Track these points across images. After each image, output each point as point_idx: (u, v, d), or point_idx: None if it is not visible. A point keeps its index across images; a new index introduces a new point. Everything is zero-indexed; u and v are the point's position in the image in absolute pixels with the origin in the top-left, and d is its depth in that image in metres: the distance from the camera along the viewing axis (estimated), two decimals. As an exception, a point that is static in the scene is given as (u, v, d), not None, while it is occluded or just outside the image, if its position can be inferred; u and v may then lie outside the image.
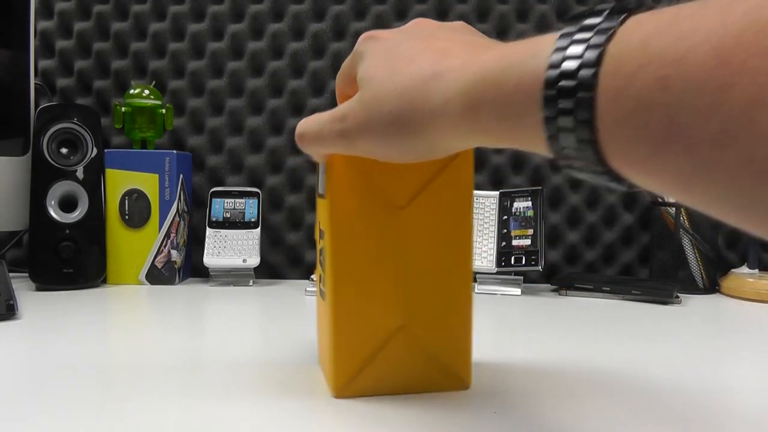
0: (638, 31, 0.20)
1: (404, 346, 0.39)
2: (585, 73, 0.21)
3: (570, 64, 0.21)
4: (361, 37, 0.35)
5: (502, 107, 0.24)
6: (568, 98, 0.21)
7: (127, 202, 0.80)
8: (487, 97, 0.25)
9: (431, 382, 0.40)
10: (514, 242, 0.79)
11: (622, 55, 0.20)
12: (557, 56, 0.22)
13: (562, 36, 0.22)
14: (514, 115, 0.24)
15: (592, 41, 0.21)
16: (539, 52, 0.23)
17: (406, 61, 0.30)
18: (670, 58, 0.18)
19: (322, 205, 0.40)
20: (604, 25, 0.21)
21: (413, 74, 0.29)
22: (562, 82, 0.21)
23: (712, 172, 0.18)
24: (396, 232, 0.38)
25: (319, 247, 0.41)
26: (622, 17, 0.21)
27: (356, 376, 0.38)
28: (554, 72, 0.22)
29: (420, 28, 0.33)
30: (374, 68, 0.32)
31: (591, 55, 0.21)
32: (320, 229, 0.41)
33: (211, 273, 0.81)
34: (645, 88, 0.19)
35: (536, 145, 0.24)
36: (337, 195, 0.37)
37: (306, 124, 0.36)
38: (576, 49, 0.21)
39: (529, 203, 0.81)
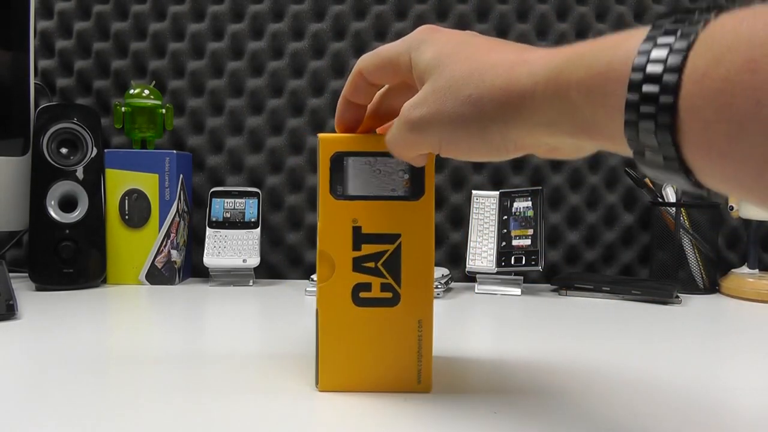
0: (731, 18, 0.21)
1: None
2: (679, 47, 0.21)
3: (664, 40, 0.22)
4: (421, 27, 0.34)
5: (591, 87, 0.24)
6: (654, 82, 0.22)
7: (127, 202, 0.80)
8: (576, 76, 0.25)
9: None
10: (514, 242, 0.79)
11: (713, 37, 0.20)
12: (652, 37, 0.22)
13: (654, 27, 0.23)
14: (599, 95, 0.24)
15: (685, 29, 0.22)
16: (630, 39, 0.23)
17: (484, 50, 0.30)
18: (761, 41, 0.19)
19: (393, 207, 0.39)
20: (700, 17, 0.22)
21: (496, 60, 0.29)
22: (650, 67, 0.22)
23: None
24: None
25: (356, 254, 0.39)
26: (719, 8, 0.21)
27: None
28: (645, 53, 0.22)
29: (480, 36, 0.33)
30: (447, 55, 0.31)
31: (688, 31, 0.21)
32: (371, 234, 0.39)
33: (211, 273, 0.81)
34: (733, 69, 0.19)
35: (613, 133, 0.24)
36: (430, 196, 0.39)
37: (388, 138, 0.35)
38: (670, 28, 0.22)
39: (529, 203, 0.81)
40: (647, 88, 0.22)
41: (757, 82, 0.19)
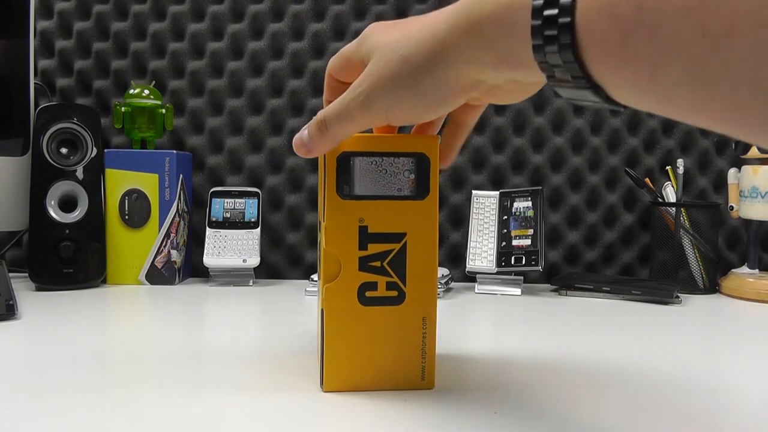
0: None
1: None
2: None
3: None
4: (370, 25, 0.37)
5: (500, 18, 0.27)
6: (553, 6, 0.24)
7: (127, 202, 0.80)
8: (487, 10, 0.27)
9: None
10: (514, 242, 0.79)
11: None
12: None
13: None
14: (508, 25, 0.26)
15: None
16: None
17: (414, 20, 0.33)
18: None
19: (399, 206, 0.39)
20: None
21: (422, 21, 0.32)
22: None
23: (673, 53, 0.21)
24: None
25: (363, 253, 0.39)
26: None
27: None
28: None
29: None
30: (382, 35, 0.34)
31: None
32: (377, 233, 0.39)
33: (211, 273, 0.81)
34: None
35: (528, 61, 0.26)
36: (435, 195, 0.39)
37: (325, 110, 0.36)
38: None
39: (529, 203, 0.81)
40: (547, 12, 0.24)
41: None
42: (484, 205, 0.83)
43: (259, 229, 0.83)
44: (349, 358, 0.40)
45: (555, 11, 0.24)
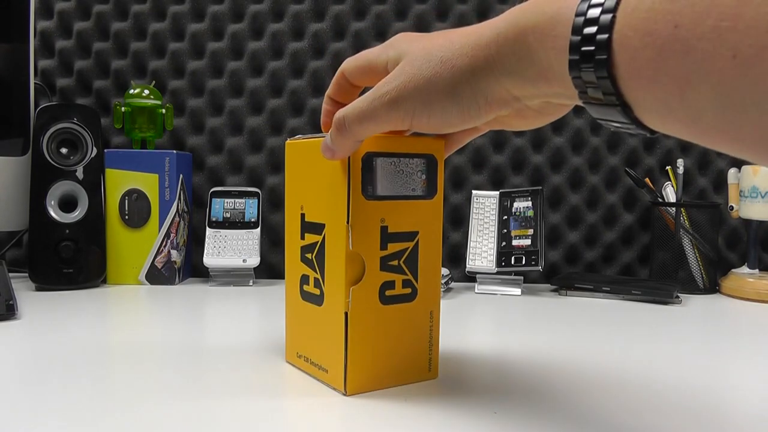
0: None
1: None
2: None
3: None
4: (398, 35, 0.37)
5: (543, 30, 0.27)
6: (593, 24, 0.24)
7: (127, 202, 0.80)
8: (532, 22, 0.27)
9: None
10: (514, 242, 0.79)
11: None
12: None
13: None
14: (550, 37, 0.27)
15: None
16: None
17: (443, 34, 0.33)
18: None
19: (412, 206, 0.40)
20: None
21: (463, 30, 0.32)
22: (590, 11, 0.25)
23: (704, 73, 0.21)
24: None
25: (383, 252, 0.40)
26: None
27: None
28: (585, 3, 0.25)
29: None
30: (414, 43, 0.34)
31: None
32: (395, 233, 0.39)
33: (211, 273, 0.81)
34: (657, 0, 0.22)
35: (564, 76, 0.26)
36: (441, 195, 0.41)
37: (346, 109, 0.36)
38: None
39: (529, 203, 0.81)
40: (587, 29, 0.25)
41: (675, 8, 0.22)
42: (484, 205, 0.83)
43: (259, 229, 0.83)
44: (371, 359, 0.40)
45: (594, 29, 0.24)
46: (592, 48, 0.24)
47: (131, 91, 0.82)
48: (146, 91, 0.82)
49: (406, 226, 0.40)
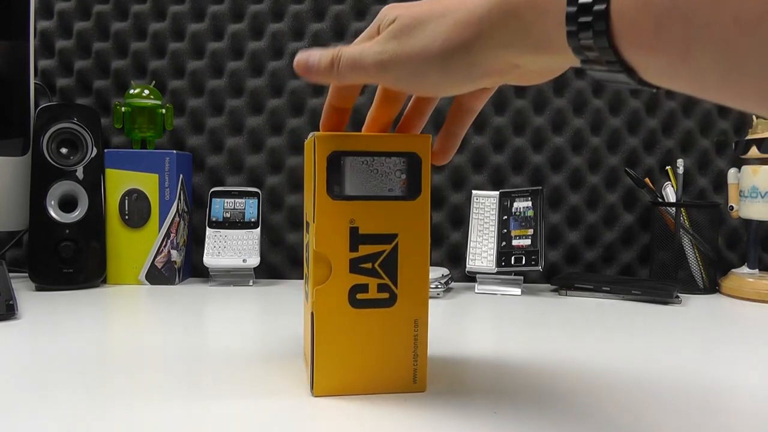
0: None
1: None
2: None
3: None
4: (382, 10, 0.36)
5: (537, 3, 0.27)
6: None
7: (127, 202, 0.80)
8: None
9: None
10: (514, 242, 0.79)
11: None
12: None
13: None
14: (545, 10, 0.27)
15: None
16: None
17: (433, 2, 0.32)
18: None
19: (390, 207, 0.39)
20: None
21: (451, 1, 0.31)
22: None
23: (705, 40, 0.21)
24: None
25: (354, 254, 0.39)
26: None
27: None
28: None
29: None
30: (407, 9, 0.33)
31: None
32: (368, 234, 0.39)
33: (211, 273, 0.81)
34: None
35: (563, 45, 0.26)
36: (426, 196, 0.39)
37: (344, 49, 0.35)
38: None
39: (529, 203, 0.81)
40: (582, 16, 0.25)
41: None
42: (484, 205, 0.83)
43: (259, 229, 0.83)
44: (340, 362, 0.39)
45: None
46: (590, 19, 0.24)
47: (131, 91, 0.82)
48: (146, 91, 0.82)
49: (382, 228, 0.38)
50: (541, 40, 0.27)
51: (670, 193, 0.87)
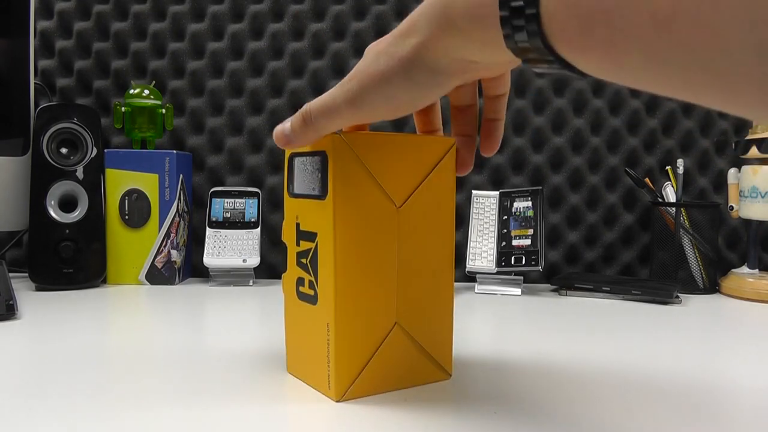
0: None
1: (398, 344, 0.40)
2: None
3: None
4: None
5: (472, 13, 0.27)
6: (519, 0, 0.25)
7: (127, 202, 0.80)
8: (459, 8, 0.28)
9: (419, 375, 0.41)
10: (514, 242, 0.79)
11: None
12: None
13: None
14: (481, 17, 0.27)
15: None
16: None
17: (397, 30, 0.34)
18: None
19: (314, 205, 0.38)
20: None
21: (400, 25, 0.33)
22: None
23: (629, 39, 0.22)
24: (391, 232, 0.39)
25: (298, 249, 0.40)
26: None
27: (357, 378, 0.38)
28: None
29: None
30: (373, 46, 0.35)
31: None
32: (303, 231, 0.40)
33: (211, 273, 0.81)
34: None
35: (504, 47, 0.27)
36: (341, 195, 0.37)
37: (312, 104, 0.36)
38: None
39: (529, 203, 0.81)
40: (514, 3, 0.25)
41: None
42: (484, 205, 0.83)
43: (259, 229, 0.83)
44: (295, 347, 0.42)
45: (521, 2, 0.25)
46: (522, 22, 0.25)
47: (131, 91, 0.82)
48: (146, 91, 0.82)
49: (309, 225, 0.39)
50: (483, 42, 0.28)
51: (670, 193, 0.87)
